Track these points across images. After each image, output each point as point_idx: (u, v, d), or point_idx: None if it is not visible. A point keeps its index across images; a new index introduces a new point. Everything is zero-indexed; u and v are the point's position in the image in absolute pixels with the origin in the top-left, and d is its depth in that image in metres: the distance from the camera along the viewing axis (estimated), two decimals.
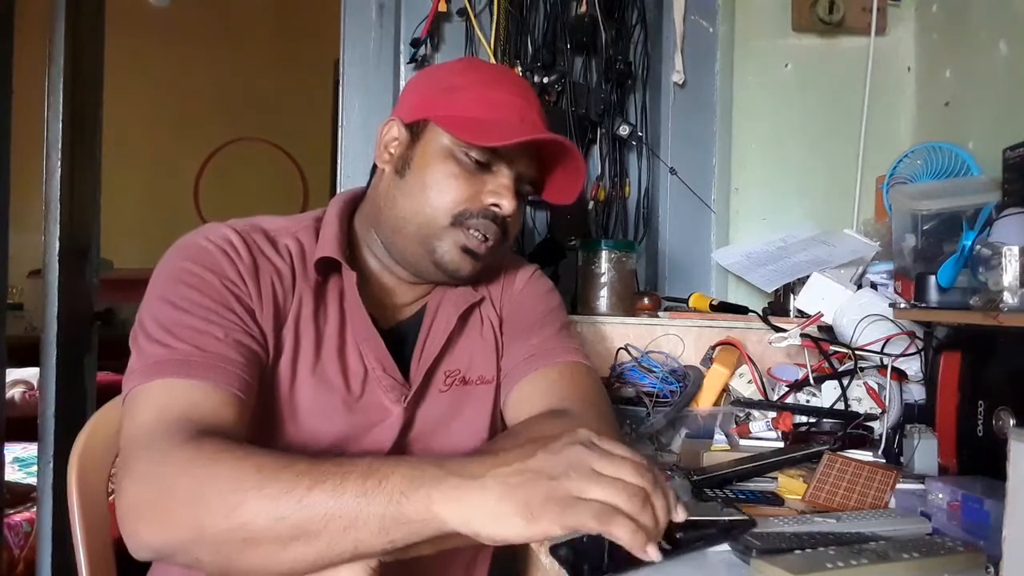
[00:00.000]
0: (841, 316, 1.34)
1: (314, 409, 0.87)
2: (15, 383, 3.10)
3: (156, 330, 0.78)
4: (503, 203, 0.90)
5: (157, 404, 0.73)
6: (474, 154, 0.90)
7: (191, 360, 0.76)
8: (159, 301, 0.81)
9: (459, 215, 0.90)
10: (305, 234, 0.94)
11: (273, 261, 0.89)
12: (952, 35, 1.60)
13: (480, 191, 0.90)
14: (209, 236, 0.86)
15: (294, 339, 0.88)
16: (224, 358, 0.78)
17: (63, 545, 1.80)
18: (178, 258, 0.85)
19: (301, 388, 0.87)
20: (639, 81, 1.85)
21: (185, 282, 0.82)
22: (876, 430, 1.20)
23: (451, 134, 0.89)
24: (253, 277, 0.85)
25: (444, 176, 0.90)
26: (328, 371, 0.89)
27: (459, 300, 0.99)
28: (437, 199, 0.90)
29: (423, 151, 0.92)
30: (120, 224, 3.62)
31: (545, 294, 1.07)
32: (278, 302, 0.87)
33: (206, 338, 0.78)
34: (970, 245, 1.08)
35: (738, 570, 0.73)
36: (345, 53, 1.76)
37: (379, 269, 0.99)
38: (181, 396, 0.73)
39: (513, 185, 0.91)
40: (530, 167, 0.94)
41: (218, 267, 0.84)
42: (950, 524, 0.86)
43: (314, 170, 4.84)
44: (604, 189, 1.81)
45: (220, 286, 0.82)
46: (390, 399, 0.91)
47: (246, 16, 4.71)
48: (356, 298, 0.91)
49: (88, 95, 2.05)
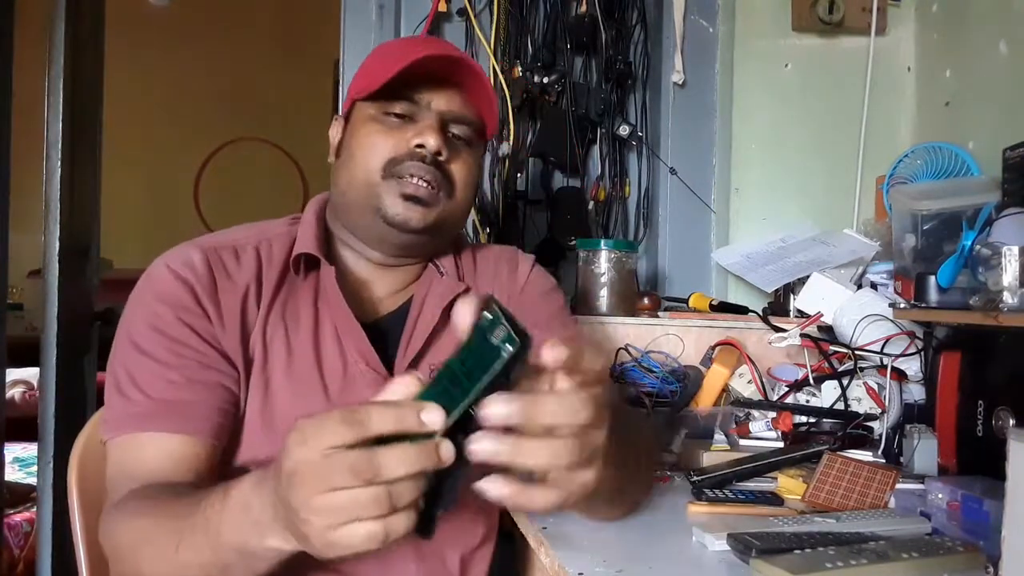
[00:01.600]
0: (841, 316, 1.34)
1: (291, 413, 0.87)
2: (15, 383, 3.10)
3: (122, 377, 0.84)
4: (426, 140, 0.91)
5: (114, 463, 0.83)
6: (395, 109, 0.92)
7: (145, 412, 0.81)
8: (126, 341, 0.85)
9: (388, 165, 0.91)
10: (279, 239, 0.95)
11: (234, 276, 0.90)
12: (952, 35, 1.60)
13: (405, 138, 0.92)
14: (170, 263, 0.88)
15: (263, 346, 0.88)
16: (179, 403, 0.82)
17: (63, 545, 1.80)
18: (142, 291, 0.88)
19: (276, 394, 0.88)
20: (639, 81, 1.85)
21: (146, 321, 0.85)
22: (876, 430, 1.20)
23: (361, 99, 0.94)
24: (212, 298, 0.87)
25: (367, 136, 0.93)
26: (302, 372, 0.89)
27: (444, 292, 0.98)
28: (365, 158, 0.92)
29: (351, 128, 0.96)
30: (120, 224, 3.63)
31: (553, 290, 1.08)
32: (243, 316, 0.88)
33: (162, 383, 0.82)
34: (970, 245, 1.08)
35: (738, 570, 0.73)
36: (345, 53, 1.76)
37: (355, 261, 0.99)
38: (132, 452, 0.81)
39: (437, 125, 0.92)
40: (453, 104, 0.94)
41: (174, 299, 0.86)
42: (950, 524, 0.86)
43: (314, 170, 4.83)
44: (604, 189, 1.81)
45: (176, 322, 0.85)
46: (372, 393, 0.91)
47: (246, 16, 4.71)
48: (336, 291, 0.91)
49: (88, 95, 2.05)
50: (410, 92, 0.92)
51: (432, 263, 1.01)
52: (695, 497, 0.95)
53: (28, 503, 2.22)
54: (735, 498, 0.95)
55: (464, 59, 0.93)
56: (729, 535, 0.76)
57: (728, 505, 0.93)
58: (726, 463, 1.07)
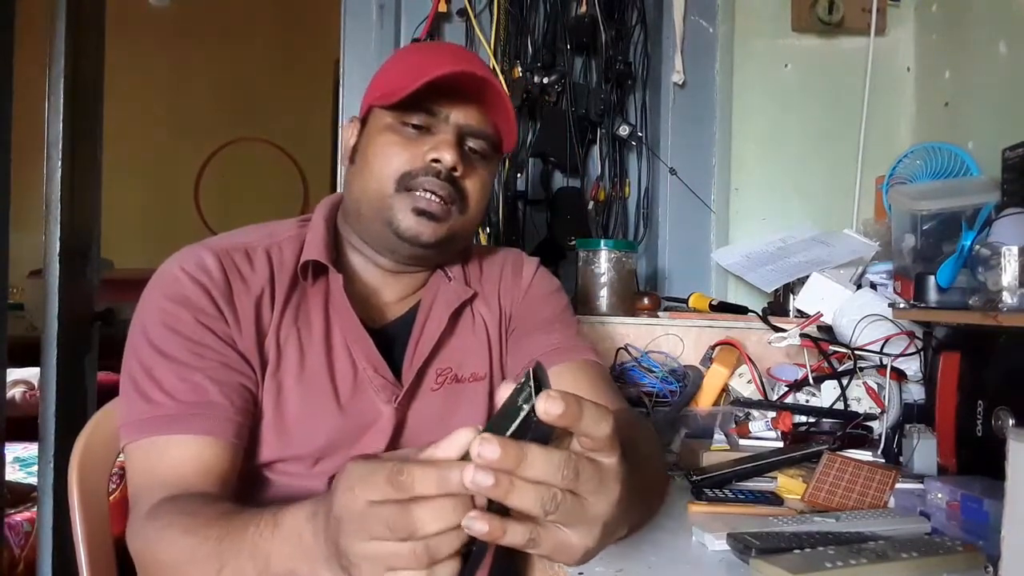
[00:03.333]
0: (841, 316, 1.34)
1: (302, 417, 0.88)
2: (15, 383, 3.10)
3: (142, 378, 0.83)
4: (443, 155, 0.90)
5: (140, 468, 0.81)
6: (413, 120, 0.91)
7: (170, 415, 0.80)
8: (144, 343, 0.84)
9: (403, 178, 0.91)
10: (289, 242, 0.94)
11: (248, 280, 0.89)
12: (952, 35, 1.60)
13: (421, 152, 0.91)
14: (184, 265, 0.87)
15: (276, 350, 0.88)
16: (204, 405, 0.81)
17: (63, 545, 1.81)
18: (157, 293, 0.87)
19: (288, 398, 0.88)
20: (639, 81, 1.85)
21: (163, 323, 0.84)
22: (875, 430, 1.20)
23: (379, 106, 0.93)
24: (228, 302, 0.86)
25: (383, 146, 0.92)
26: (314, 377, 0.89)
27: (451, 298, 0.99)
28: (380, 169, 0.91)
29: (367, 134, 0.95)
30: (120, 224, 3.63)
31: (557, 291, 1.08)
32: (257, 319, 0.88)
33: (185, 385, 0.82)
34: (969, 245, 1.08)
35: (738, 570, 0.73)
36: (345, 53, 1.76)
37: (364, 266, 0.99)
38: (159, 456, 0.80)
39: (454, 139, 0.91)
40: (471, 118, 0.93)
41: (192, 301, 0.85)
42: (949, 524, 0.86)
43: (314, 170, 4.83)
44: (604, 189, 1.82)
45: (195, 323, 0.84)
46: (381, 399, 0.91)
47: (246, 16, 4.71)
48: (344, 300, 0.91)
49: (88, 95, 2.05)
50: (429, 104, 0.91)
51: (440, 268, 1.01)
52: (695, 497, 0.95)
53: (28, 503, 2.22)
54: (735, 498, 0.95)
55: (487, 78, 0.91)
56: (729, 535, 0.77)
57: (728, 505, 0.93)
58: (726, 463, 1.07)
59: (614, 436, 0.51)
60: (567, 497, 0.50)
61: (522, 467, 0.48)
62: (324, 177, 4.42)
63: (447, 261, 1.02)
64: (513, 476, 0.48)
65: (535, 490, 0.49)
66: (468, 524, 0.49)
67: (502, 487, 0.48)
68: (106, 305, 2.08)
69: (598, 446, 0.51)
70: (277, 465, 0.88)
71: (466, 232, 0.98)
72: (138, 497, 0.79)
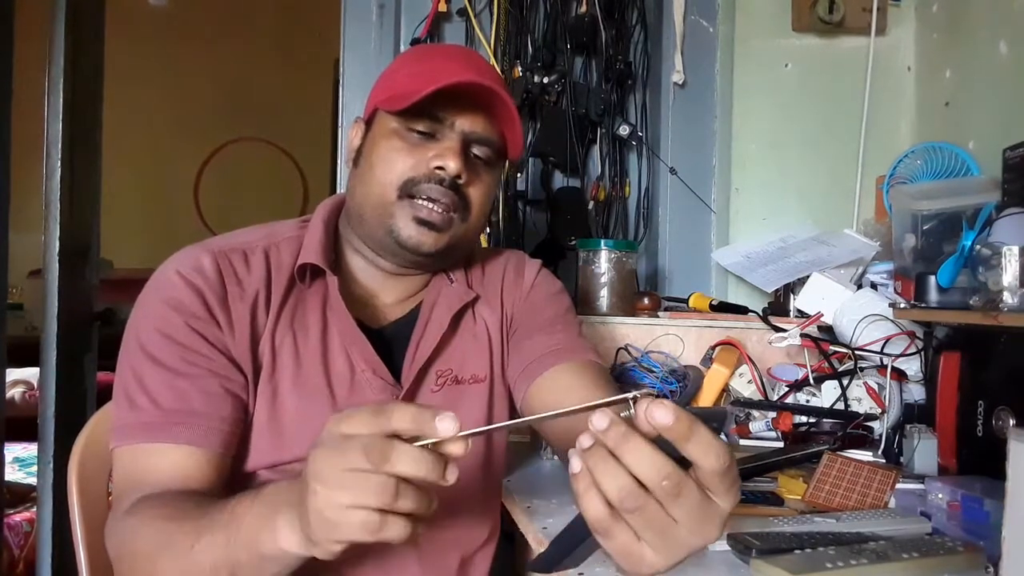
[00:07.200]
0: (841, 316, 1.34)
1: (298, 420, 0.87)
2: (15, 383, 3.11)
3: (131, 383, 0.83)
4: (447, 163, 0.89)
5: (122, 473, 0.82)
6: (418, 127, 0.90)
7: (153, 423, 0.81)
8: (135, 345, 0.84)
9: (405, 185, 0.90)
10: (287, 243, 0.94)
11: (244, 282, 0.88)
12: (952, 35, 1.60)
13: (425, 158, 0.90)
14: (180, 268, 0.87)
15: (271, 354, 0.88)
16: (188, 413, 0.81)
17: (63, 545, 1.81)
18: (151, 296, 0.86)
19: (284, 401, 0.87)
20: (639, 81, 1.85)
21: (155, 326, 0.84)
22: (876, 430, 1.20)
23: (385, 110, 0.92)
24: (223, 305, 0.86)
25: (387, 151, 0.91)
26: (310, 379, 0.89)
27: (453, 300, 0.98)
28: (383, 175, 0.90)
29: (371, 138, 0.94)
30: (120, 224, 3.63)
31: (559, 293, 1.07)
32: (252, 323, 0.87)
33: (172, 393, 0.81)
34: (970, 245, 1.08)
35: (738, 570, 0.73)
36: (345, 53, 1.76)
37: (364, 268, 0.98)
38: (140, 462, 0.81)
39: (460, 147, 0.90)
40: (477, 125, 0.92)
41: (184, 306, 0.84)
42: (950, 524, 0.86)
43: (314, 170, 4.83)
44: (604, 189, 1.81)
45: (186, 328, 0.84)
46: (380, 401, 0.91)
47: (246, 16, 4.71)
48: (340, 304, 0.91)
49: (88, 95, 2.05)
50: (435, 110, 0.90)
51: (442, 271, 1.01)
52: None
53: (28, 503, 2.22)
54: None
55: (495, 89, 0.90)
56: (729, 535, 0.77)
57: None
58: None
59: (730, 477, 0.48)
60: (654, 508, 0.47)
61: (627, 450, 0.46)
62: (324, 177, 4.42)
63: (449, 265, 1.01)
64: (615, 454, 0.47)
65: (623, 479, 0.47)
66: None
67: (598, 455, 0.47)
68: (105, 305, 2.08)
69: (710, 482, 0.48)
70: (274, 469, 0.88)
71: (468, 240, 0.97)
72: (119, 500, 0.80)
